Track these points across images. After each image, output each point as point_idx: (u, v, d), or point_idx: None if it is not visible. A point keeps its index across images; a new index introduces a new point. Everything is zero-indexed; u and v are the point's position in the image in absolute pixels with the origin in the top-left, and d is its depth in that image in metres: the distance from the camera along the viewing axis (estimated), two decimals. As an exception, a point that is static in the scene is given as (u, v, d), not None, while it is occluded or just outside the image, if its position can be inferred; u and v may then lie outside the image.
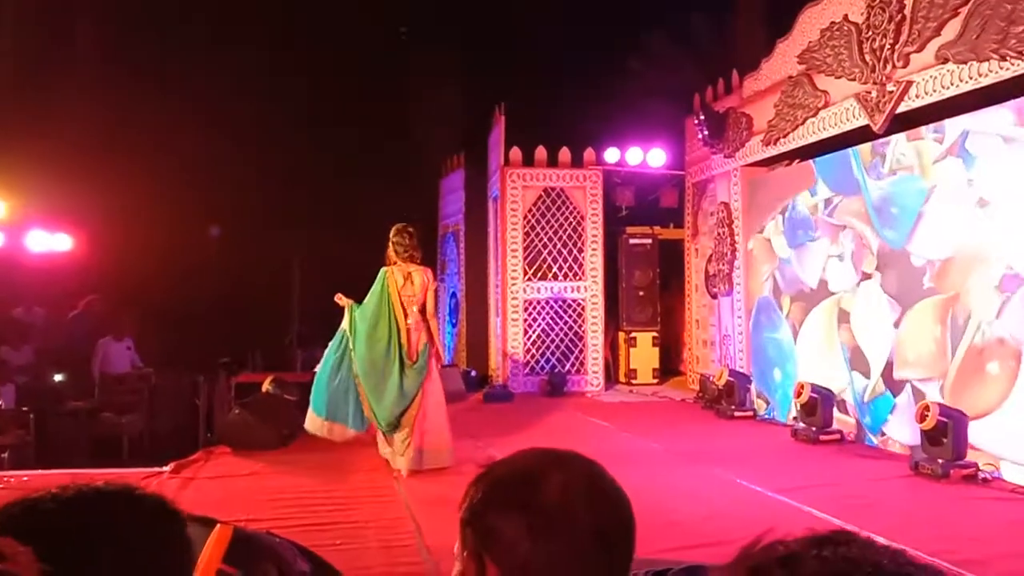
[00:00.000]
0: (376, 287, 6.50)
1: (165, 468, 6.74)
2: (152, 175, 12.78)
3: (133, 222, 13.15)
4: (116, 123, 12.57)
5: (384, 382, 6.36)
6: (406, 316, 6.47)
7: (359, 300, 6.64)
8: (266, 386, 9.02)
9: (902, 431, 6.85)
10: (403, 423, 6.39)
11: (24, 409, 8.78)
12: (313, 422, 6.67)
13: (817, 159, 8.24)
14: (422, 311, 6.56)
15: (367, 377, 6.41)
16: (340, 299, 6.68)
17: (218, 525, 1.32)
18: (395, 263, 6.57)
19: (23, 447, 8.33)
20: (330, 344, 6.72)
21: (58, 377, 10.23)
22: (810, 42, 8.08)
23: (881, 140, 7.20)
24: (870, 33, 7.10)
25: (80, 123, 12.32)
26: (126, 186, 12.79)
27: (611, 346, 11.97)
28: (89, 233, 13.20)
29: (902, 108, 6.79)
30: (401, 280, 6.52)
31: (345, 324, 6.57)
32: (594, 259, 11.37)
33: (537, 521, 1.04)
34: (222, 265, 12.34)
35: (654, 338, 11.89)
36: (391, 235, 6.62)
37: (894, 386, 6.97)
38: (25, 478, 6.33)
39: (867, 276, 7.39)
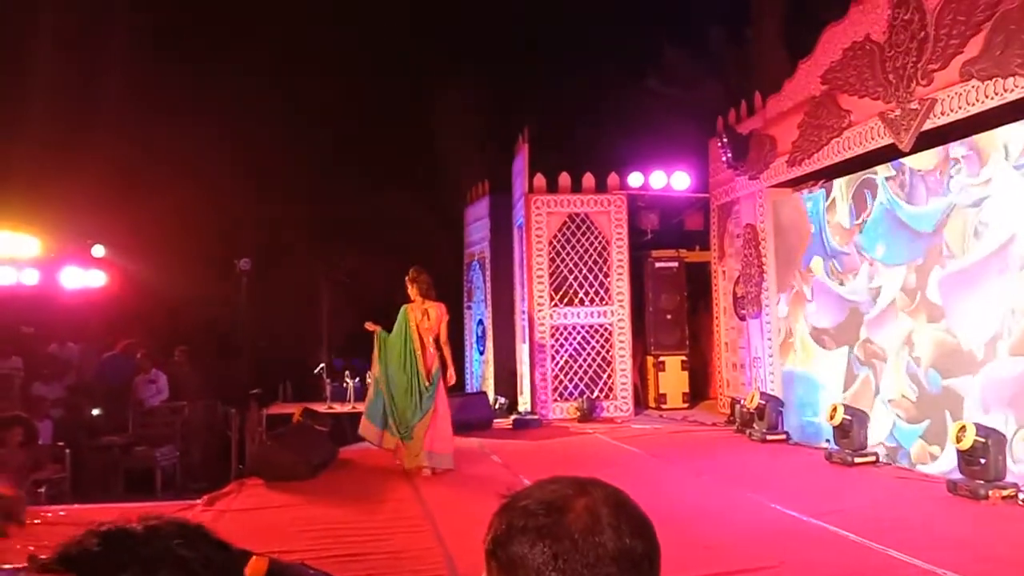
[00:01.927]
0: (400, 323, 7.70)
1: (198, 501, 6.79)
2: (182, 210, 13.02)
3: (164, 257, 13.39)
4: (145, 160, 12.85)
5: (406, 399, 7.58)
6: (423, 346, 7.67)
7: (387, 327, 7.78)
8: (297, 417, 9.09)
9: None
10: (415, 433, 7.54)
11: (60, 444, 8.91)
12: (367, 430, 7.83)
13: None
14: (436, 340, 7.73)
15: (393, 395, 7.61)
16: (369, 326, 7.81)
17: (253, 557, 1.34)
18: (414, 300, 7.74)
19: (59, 482, 8.43)
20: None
21: (95, 412, 10.38)
22: (833, 62, 8.07)
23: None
24: (892, 52, 7.08)
25: (110, 161, 12.60)
26: (156, 221, 13.05)
27: (639, 371, 11.91)
28: (122, 269, 13.45)
29: (928, 125, 6.75)
30: (420, 315, 7.70)
31: (376, 350, 7.72)
32: (620, 283, 11.35)
33: (562, 548, 1.05)
34: (252, 297, 12.47)
35: (683, 362, 11.81)
36: (412, 276, 7.81)
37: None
38: (62, 512, 6.41)
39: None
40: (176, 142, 12.75)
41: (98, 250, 13.20)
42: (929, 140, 6.85)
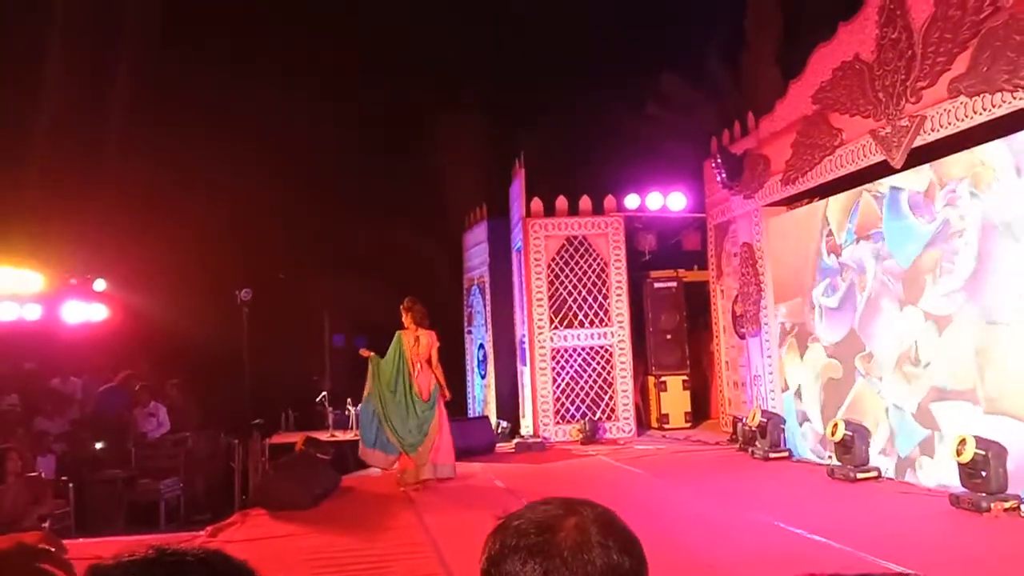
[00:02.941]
0: (394, 348, 8.43)
1: (202, 532, 6.79)
2: (182, 243, 13.09)
3: (165, 289, 13.44)
4: (146, 195, 12.93)
5: (405, 417, 8.28)
6: (415, 368, 8.39)
7: (382, 354, 8.49)
8: (299, 446, 9.09)
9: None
10: (423, 445, 8.22)
11: (63, 479, 8.92)
12: (363, 452, 8.49)
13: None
14: (428, 363, 8.44)
15: (391, 414, 8.26)
16: (364, 353, 8.55)
17: None
18: (408, 327, 8.45)
19: (63, 516, 8.43)
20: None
21: (98, 445, 10.38)
22: (823, 82, 8.17)
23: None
24: (881, 70, 7.17)
25: (111, 197, 12.68)
26: (157, 255, 13.11)
27: (641, 391, 11.93)
28: (123, 302, 13.50)
29: (918, 142, 6.82)
30: (412, 341, 8.42)
31: (369, 374, 8.42)
32: (619, 305, 11.39)
33: (553, 566, 1.09)
34: (252, 327, 12.52)
35: (684, 381, 11.83)
36: (407, 305, 8.51)
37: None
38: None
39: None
40: (175, 177, 12.85)
41: (99, 284, 13.26)
42: (920, 156, 6.91)
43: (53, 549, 1.58)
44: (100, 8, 12.00)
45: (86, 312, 12.96)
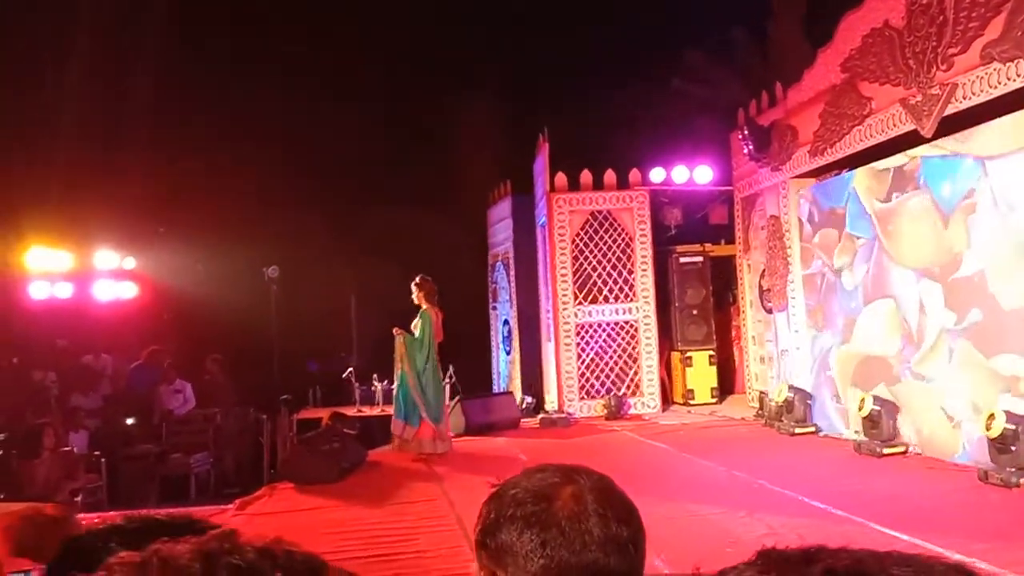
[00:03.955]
0: (427, 326, 8.55)
1: (230, 506, 6.90)
2: (209, 221, 13.20)
3: (194, 267, 13.59)
4: (175, 174, 13.03)
5: (437, 392, 8.67)
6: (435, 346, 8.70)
7: (410, 323, 8.70)
8: (326, 421, 9.18)
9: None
10: (443, 422, 8.69)
11: (96, 453, 9.09)
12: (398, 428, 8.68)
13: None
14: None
15: (427, 388, 8.50)
16: (397, 332, 8.67)
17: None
18: (427, 305, 8.60)
19: (96, 491, 8.60)
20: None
21: (129, 421, 10.56)
22: (852, 49, 7.98)
23: None
24: (912, 37, 6.99)
25: (141, 176, 12.81)
26: (185, 233, 13.24)
27: (666, 367, 11.87)
28: (153, 280, 13.67)
29: (949, 110, 6.66)
30: (435, 318, 8.62)
31: (402, 350, 8.55)
32: (644, 280, 11.31)
33: (550, 536, 1.07)
34: (281, 304, 12.62)
35: (710, 357, 11.74)
36: (425, 284, 8.65)
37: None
38: (97, 521, 6.54)
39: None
40: (204, 157, 12.93)
41: (129, 262, 13.43)
42: (951, 125, 6.75)
43: (66, 516, 1.60)
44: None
45: (116, 290, 13.13)
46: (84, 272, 12.60)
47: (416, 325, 8.62)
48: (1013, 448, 5.68)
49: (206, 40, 12.86)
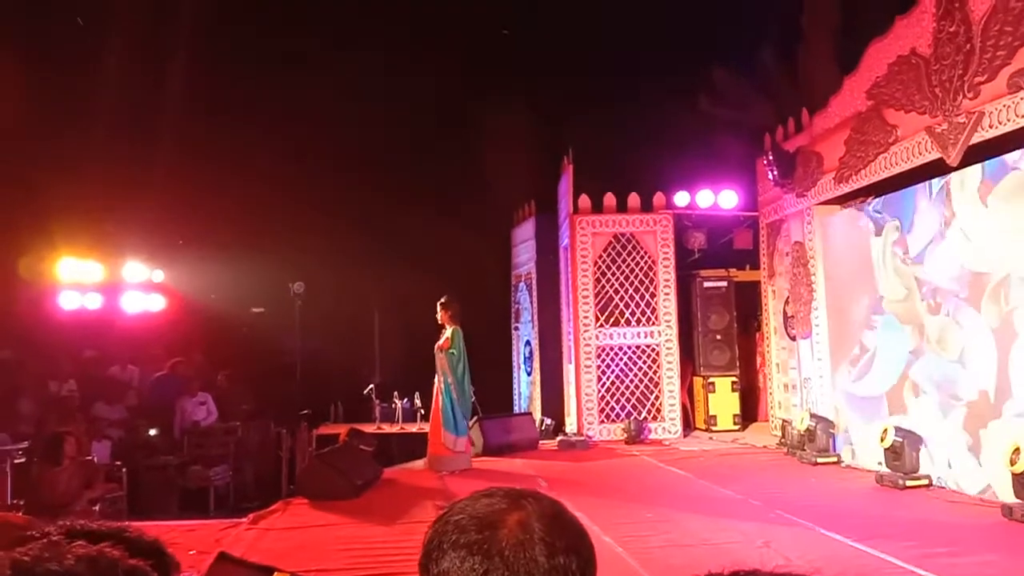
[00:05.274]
0: (461, 342, 8.97)
1: (244, 519, 6.92)
2: (239, 235, 13.37)
3: (221, 281, 13.75)
4: (204, 188, 13.22)
5: (467, 408, 9.06)
6: None
7: (433, 343, 9.04)
8: (343, 437, 9.21)
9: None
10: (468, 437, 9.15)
11: (118, 463, 9.18)
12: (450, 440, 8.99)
13: None
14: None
15: (464, 405, 8.95)
16: (438, 348, 9.03)
17: (275, 573, 1.38)
18: (453, 325, 8.95)
19: (116, 500, 8.68)
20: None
21: (152, 432, 10.66)
22: (878, 77, 7.93)
23: None
24: (938, 65, 6.93)
25: (170, 190, 13.01)
26: (212, 247, 13.41)
27: (688, 392, 11.77)
28: (180, 293, 13.85)
29: (976, 139, 6.58)
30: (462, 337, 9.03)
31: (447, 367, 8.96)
32: (667, 303, 11.25)
33: (492, 565, 1.04)
34: (305, 319, 12.71)
35: (733, 383, 11.62)
36: (451, 304, 9.00)
37: None
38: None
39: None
40: (231, 173, 13.11)
41: (158, 275, 13.62)
42: (977, 154, 6.67)
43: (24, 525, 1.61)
44: (153, 4, 12.31)
45: (144, 302, 13.31)
46: (113, 284, 12.80)
47: (448, 340, 8.90)
48: (1037, 484, 5.55)
49: (234, 55, 13.07)
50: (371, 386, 12.31)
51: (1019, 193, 6.27)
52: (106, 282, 12.65)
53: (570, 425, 11.39)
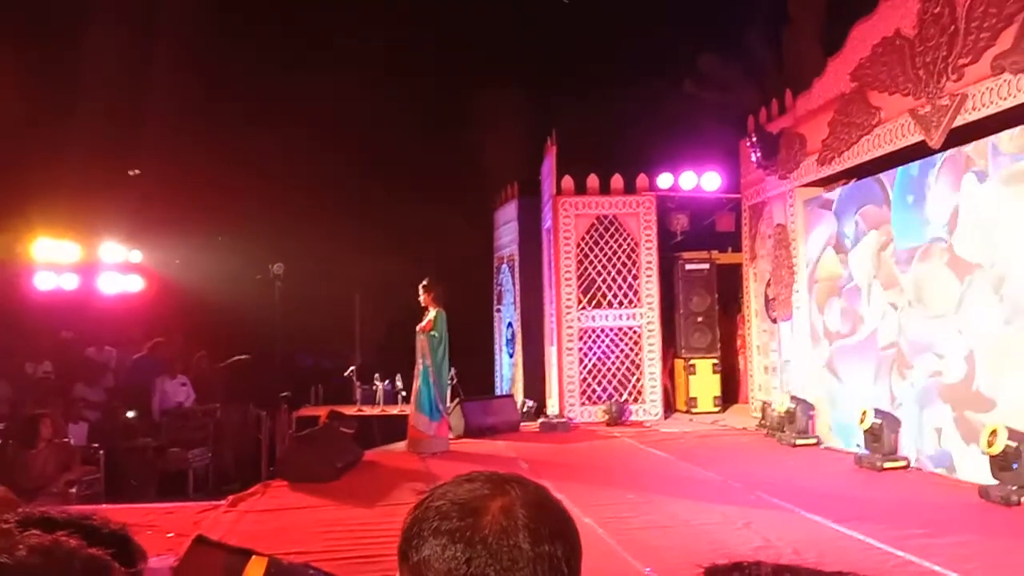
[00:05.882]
0: (443, 325, 8.86)
1: (223, 502, 6.86)
2: (216, 216, 13.22)
3: (199, 262, 13.60)
4: (183, 168, 13.05)
5: (443, 388, 9.01)
6: None
7: (414, 325, 8.99)
8: (323, 419, 9.16)
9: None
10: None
11: (95, 446, 9.07)
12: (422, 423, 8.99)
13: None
14: None
15: (442, 384, 8.93)
16: (420, 330, 8.95)
17: (253, 556, 1.34)
18: (437, 307, 8.88)
19: (93, 483, 8.58)
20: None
21: (130, 414, 10.55)
22: (862, 58, 7.91)
23: None
24: (922, 47, 6.91)
25: (149, 169, 12.84)
26: (192, 227, 13.26)
27: (669, 374, 11.79)
28: (158, 274, 13.70)
29: (958, 122, 6.57)
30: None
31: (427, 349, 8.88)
32: (649, 286, 11.24)
33: (475, 552, 1.01)
34: (285, 301, 12.61)
35: (714, 365, 11.65)
36: (434, 285, 8.92)
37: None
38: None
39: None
40: (212, 152, 12.94)
41: (136, 255, 13.45)
42: (960, 136, 6.67)
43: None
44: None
45: (122, 283, 13.15)
46: (90, 264, 12.63)
47: (431, 322, 8.82)
48: (1015, 466, 5.59)
49: (222, 39, 12.88)
50: (352, 368, 12.25)
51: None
52: (83, 262, 12.47)
53: (552, 407, 11.38)
